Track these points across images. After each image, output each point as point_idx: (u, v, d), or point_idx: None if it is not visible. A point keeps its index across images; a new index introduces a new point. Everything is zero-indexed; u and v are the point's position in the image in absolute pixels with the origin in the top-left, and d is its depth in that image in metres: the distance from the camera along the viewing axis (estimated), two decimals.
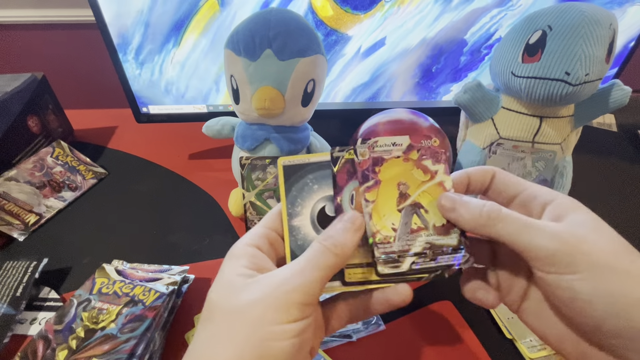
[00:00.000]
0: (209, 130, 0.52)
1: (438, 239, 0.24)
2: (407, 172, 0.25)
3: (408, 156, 0.26)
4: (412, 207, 0.25)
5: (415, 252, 0.24)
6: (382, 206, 0.25)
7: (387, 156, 0.26)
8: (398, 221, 0.24)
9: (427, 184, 0.25)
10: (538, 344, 0.36)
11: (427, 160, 0.25)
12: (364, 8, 0.49)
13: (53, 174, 0.55)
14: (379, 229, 0.24)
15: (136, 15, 0.49)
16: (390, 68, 0.55)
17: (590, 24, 0.37)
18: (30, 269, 0.40)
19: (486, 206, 0.21)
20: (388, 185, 0.25)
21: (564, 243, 0.19)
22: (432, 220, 0.24)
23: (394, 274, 0.24)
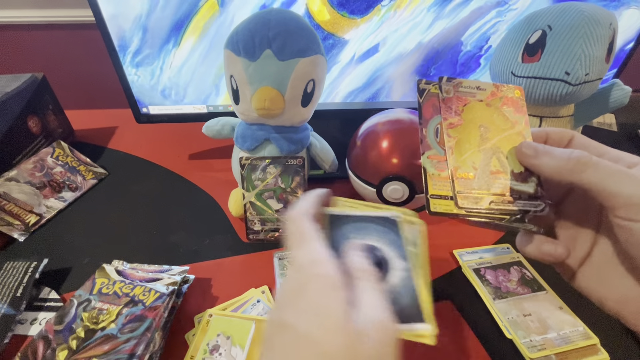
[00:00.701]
0: (209, 130, 0.52)
1: (516, 184, 0.24)
2: (489, 116, 0.26)
3: (490, 102, 0.26)
4: (493, 150, 0.25)
5: (494, 192, 0.24)
6: (464, 144, 0.25)
7: (471, 98, 0.26)
8: (479, 160, 0.25)
9: (507, 131, 0.25)
10: (538, 344, 0.36)
11: (509, 109, 0.26)
12: (360, 12, 0.49)
13: (53, 175, 0.55)
14: (459, 165, 0.25)
15: (136, 15, 0.49)
16: (388, 71, 0.55)
17: (590, 23, 0.37)
18: (31, 269, 0.40)
19: (575, 152, 0.21)
20: (470, 125, 0.25)
21: None
22: (510, 166, 0.25)
23: (474, 209, 0.24)
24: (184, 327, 0.38)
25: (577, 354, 0.36)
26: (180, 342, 0.36)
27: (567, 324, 0.38)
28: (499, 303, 0.40)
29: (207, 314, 0.38)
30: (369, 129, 0.47)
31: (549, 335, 0.37)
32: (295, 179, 0.45)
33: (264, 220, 0.46)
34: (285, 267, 0.44)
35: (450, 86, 0.26)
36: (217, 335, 0.36)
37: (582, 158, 0.21)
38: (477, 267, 0.44)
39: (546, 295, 0.41)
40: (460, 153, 0.25)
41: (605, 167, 0.20)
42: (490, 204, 0.24)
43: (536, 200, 0.24)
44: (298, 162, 0.44)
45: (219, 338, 0.36)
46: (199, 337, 0.36)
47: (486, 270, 0.44)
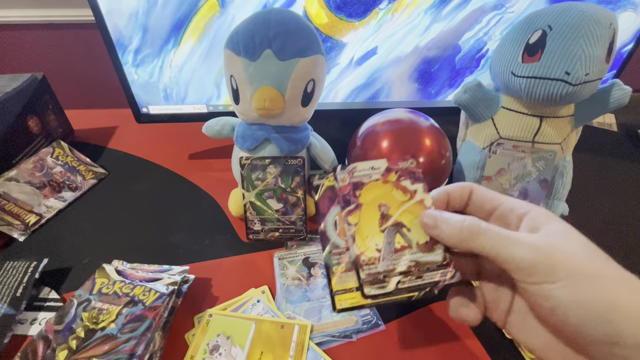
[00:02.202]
0: (209, 130, 0.52)
1: (422, 256, 0.24)
2: (387, 194, 0.26)
3: (387, 178, 0.27)
4: (395, 227, 0.25)
5: (400, 271, 0.24)
6: (365, 228, 0.25)
7: (367, 180, 0.26)
8: (382, 242, 0.25)
9: (407, 203, 0.26)
10: None
11: (406, 180, 0.26)
12: (358, 16, 0.49)
13: (53, 174, 0.55)
14: (363, 250, 0.25)
15: (135, 15, 0.49)
16: (386, 73, 0.55)
17: (590, 23, 0.37)
18: (31, 269, 0.40)
19: (466, 221, 0.22)
20: (369, 207, 0.26)
21: (541, 253, 0.20)
22: (415, 238, 0.25)
23: (380, 294, 0.24)
24: (184, 327, 0.38)
25: None
26: (180, 342, 0.36)
27: None
28: None
29: (207, 314, 0.38)
30: (369, 129, 0.47)
31: None
32: (295, 179, 0.45)
33: (264, 220, 0.46)
34: (285, 266, 0.44)
35: (345, 174, 0.27)
36: (217, 335, 0.36)
37: (472, 227, 0.22)
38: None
39: None
40: (362, 238, 0.25)
41: (493, 234, 0.21)
42: (398, 284, 0.24)
43: (446, 268, 0.24)
44: (298, 162, 0.44)
45: (219, 338, 0.36)
46: (199, 337, 0.36)
47: None
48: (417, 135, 0.45)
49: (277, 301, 0.40)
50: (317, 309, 0.39)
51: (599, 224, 0.52)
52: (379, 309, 0.40)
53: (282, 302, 0.40)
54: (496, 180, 0.47)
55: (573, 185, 0.50)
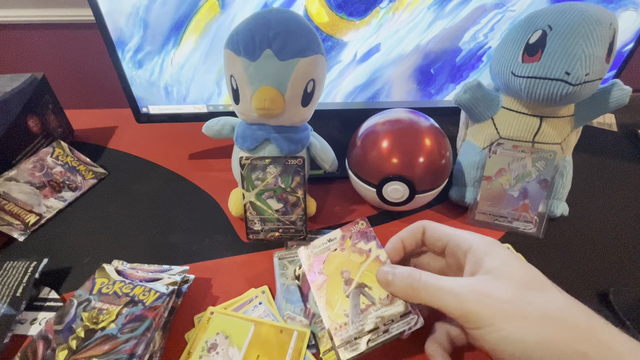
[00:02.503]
0: (209, 130, 0.52)
1: (386, 310, 0.27)
2: (347, 259, 0.29)
3: (343, 246, 0.29)
4: (358, 289, 0.27)
5: (368, 329, 0.26)
6: (332, 297, 0.28)
7: (327, 253, 0.29)
8: (348, 306, 0.27)
9: (365, 263, 0.28)
10: None
11: (360, 242, 0.29)
12: (359, 14, 0.49)
13: (53, 174, 0.55)
14: (333, 319, 0.27)
15: (135, 15, 0.49)
16: (387, 72, 0.55)
17: (590, 23, 0.37)
18: (30, 269, 0.40)
19: (409, 276, 0.24)
20: (333, 277, 0.28)
21: (468, 303, 0.22)
22: (377, 294, 0.27)
23: (355, 356, 0.26)
24: (184, 327, 0.38)
25: None
26: (180, 342, 0.36)
27: None
28: None
29: (208, 311, 0.38)
30: (369, 129, 0.47)
31: None
32: (295, 178, 0.45)
33: (264, 220, 0.46)
34: (285, 266, 0.44)
35: (308, 252, 0.29)
36: (217, 333, 0.36)
37: (413, 282, 0.24)
38: None
39: None
40: (331, 307, 0.27)
41: (430, 287, 0.23)
42: (368, 342, 0.26)
43: (408, 316, 0.26)
44: (298, 162, 0.44)
45: (217, 337, 0.36)
46: (199, 333, 0.36)
47: None
48: (417, 135, 0.45)
49: (277, 301, 0.40)
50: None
51: (599, 224, 0.52)
52: None
53: (282, 302, 0.40)
54: (496, 180, 0.47)
55: (573, 185, 0.50)
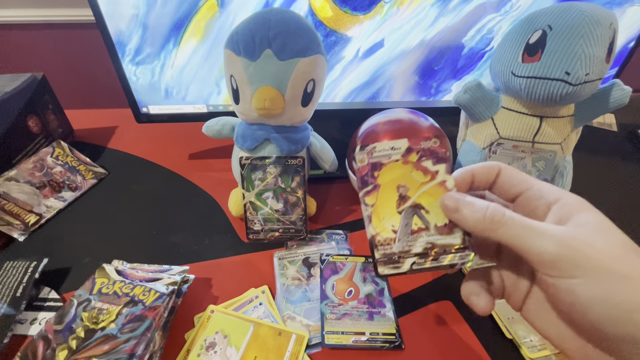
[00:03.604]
0: (209, 130, 0.52)
1: (440, 238, 0.24)
2: (407, 175, 0.25)
3: (407, 159, 0.26)
4: (413, 209, 0.25)
5: (416, 252, 0.24)
6: (382, 209, 0.25)
7: (386, 160, 0.26)
8: (398, 223, 0.25)
9: (427, 184, 0.25)
10: (538, 344, 0.36)
11: (427, 161, 0.25)
12: (363, 9, 0.49)
13: (53, 174, 0.55)
14: (378, 231, 0.25)
15: (135, 15, 0.49)
16: (390, 69, 0.55)
17: (590, 23, 0.37)
18: (30, 269, 0.40)
19: (490, 208, 0.21)
20: (387, 188, 0.25)
21: (565, 247, 0.19)
22: (433, 220, 0.24)
23: (395, 274, 0.24)
24: (184, 327, 0.38)
25: None
26: (180, 342, 0.36)
27: None
28: (499, 303, 0.40)
29: (209, 309, 0.38)
30: (369, 129, 0.47)
31: None
32: (295, 178, 0.45)
33: (264, 220, 0.46)
34: (285, 266, 0.44)
35: (364, 154, 0.26)
36: (216, 332, 0.36)
37: (495, 216, 0.21)
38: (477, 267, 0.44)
39: None
40: (378, 219, 0.25)
41: (517, 225, 0.20)
42: (412, 265, 0.24)
43: (463, 251, 0.24)
44: (298, 162, 0.44)
45: (216, 335, 0.36)
46: (198, 331, 0.36)
47: None
48: (417, 135, 0.45)
49: (277, 301, 0.40)
50: (317, 309, 0.39)
51: None
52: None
53: (282, 302, 0.40)
54: None
55: (573, 185, 0.50)
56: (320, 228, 0.51)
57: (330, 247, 0.47)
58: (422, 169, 0.25)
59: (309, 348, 0.36)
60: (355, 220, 0.52)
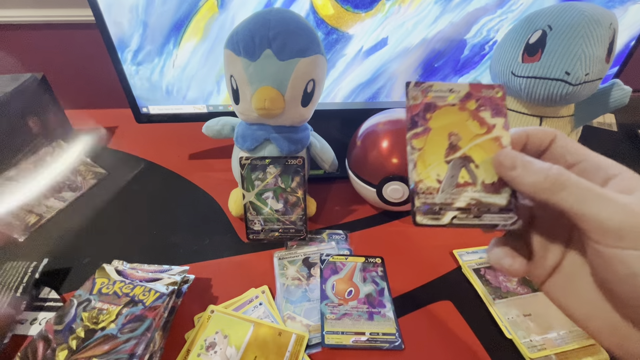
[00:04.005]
0: (209, 130, 0.52)
1: (486, 196, 0.23)
2: (462, 123, 0.23)
3: (465, 105, 0.23)
4: (462, 160, 0.23)
5: (458, 206, 0.23)
6: (429, 155, 0.23)
7: (441, 103, 0.23)
8: (444, 173, 0.23)
9: (482, 137, 0.23)
10: (538, 344, 0.36)
11: (486, 112, 0.23)
12: (364, 7, 0.49)
13: None
14: (422, 178, 0.23)
15: (135, 15, 0.49)
16: (391, 67, 0.55)
17: (590, 23, 0.37)
18: (30, 269, 0.40)
19: (553, 169, 0.20)
20: (438, 134, 0.23)
21: (634, 216, 0.18)
22: (482, 176, 0.23)
23: (434, 225, 0.23)
24: (184, 327, 0.38)
25: (577, 354, 0.36)
26: (180, 342, 0.36)
27: (567, 324, 0.38)
28: (499, 303, 0.40)
29: (209, 309, 0.38)
30: (369, 129, 0.47)
31: (549, 335, 0.37)
32: (295, 178, 0.45)
33: (264, 220, 0.46)
34: (285, 266, 0.44)
35: (418, 91, 0.24)
36: (216, 332, 0.36)
37: (560, 177, 0.19)
38: (477, 267, 0.44)
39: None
40: (424, 165, 0.23)
41: (583, 189, 0.19)
42: (453, 219, 0.23)
43: (508, 212, 0.23)
44: (298, 162, 0.44)
45: (216, 335, 0.36)
46: (199, 331, 0.36)
47: (486, 270, 0.44)
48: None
49: (277, 301, 0.40)
50: (317, 309, 0.39)
51: None
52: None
53: (282, 302, 0.40)
54: None
55: None
56: (320, 228, 0.51)
57: (330, 247, 0.47)
58: (478, 120, 0.23)
59: (309, 348, 0.36)
60: (355, 220, 0.52)
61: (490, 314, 0.40)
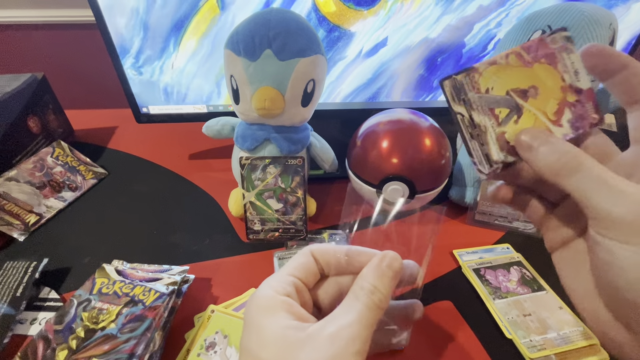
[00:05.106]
0: (209, 130, 0.52)
1: (494, 140, 0.23)
2: (551, 94, 0.22)
3: (568, 92, 0.22)
4: (514, 106, 0.22)
5: (472, 116, 0.23)
6: (506, 75, 0.22)
7: (559, 67, 0.21)
8: (497, 93, 0.22)
9: (544, 117, 0.22)
10: (538, 344, 0.36)
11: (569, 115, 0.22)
12: (367, 4, 0.49)
13: (53, 174, 0.55)
14: (484, 75, 0.22)
15: (136, 15, 0.49)
16: (393, 65, 0.55)
17: (590, 24, 0.37)
18: (30, 269, 0.40)
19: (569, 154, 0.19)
20: (529, 76, 0.22)
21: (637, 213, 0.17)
22: (509, 129, 0.22)
23: (445, 95, 0.23)
24: (184, 327, 0.38)
25: (577, 354, 0.36)
26: (180, 342, 0.36)
27: (567, 324, 0.38)
28: (499, 303, 0.40)
29: (209, 309, 0.38)
30: (369, 129, 0.47)
31: (549, 335, 0.37)
32: (295, 179, 0.45)
33: (264, 220, 0.46)
34: None
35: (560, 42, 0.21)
36: (216, 332, 0.36)
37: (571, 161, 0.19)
38: (477, 267, 0.44)
39: (546, 295, 0.41)
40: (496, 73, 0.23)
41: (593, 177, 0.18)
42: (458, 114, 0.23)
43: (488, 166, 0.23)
44: (298, 162, 0.44)
45: (217, 335, 0.36)
46: (198, 331, 0.36)
47: (486, 270, 0.44)
48: (417, 135, 0.45)
49: None
50: None
51: None
52: None
53: None
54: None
55: None
56: (320, 228, 0.51)
57: None
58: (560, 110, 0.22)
59: None
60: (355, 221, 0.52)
61: (490, 314, 0.40)
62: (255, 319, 0.21)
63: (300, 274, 0.24)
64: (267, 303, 0.21)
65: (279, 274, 0.24)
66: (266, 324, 0.20)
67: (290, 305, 0.21)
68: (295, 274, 0.24)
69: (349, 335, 0.19)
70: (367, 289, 0.21)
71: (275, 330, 0.20)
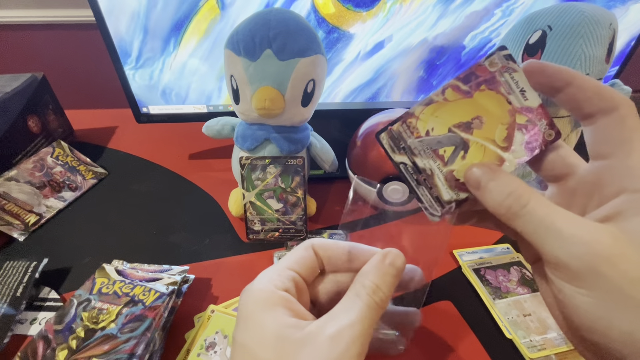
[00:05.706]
0: (209, 130, 0.52)
1: (442, 181, 0.22)
2: (497, 120, 0.21)
3: (517, 113, 0.21)
4: (460, 142, 0.21)
5: (415, 162, 0.22)
6: (446, 111, 0.21)
7: (503, 90, 0.20)
8: (438, 133, 0.21)
9: (494, 146, 0.21)
10: (538, 344, 0.36)
11: (524, 136, 0.21)
12: (366, 6, 0.49)
13: (53, 174, 0.55)
14: (420, 117, 0.21)
15: (136, 15, 0.49)
16: (392, 66, 0.55)
17: (590, 24, 0.37)
18: (30, 269, 0.40)
19: (512, 195, 0.18)
20: (471, 106, 0.21)
21: (588, 258, 0.16)
22: (456, 167, 0.21)
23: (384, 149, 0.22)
24: (184, 327, 0.38)
25: (577, 354, 0.36)
26: (180, 342, 0.36)
27: None
28: (499, 303, 0.40)
29: (209, 309, 0.38)
30: (369, 129, 0.47)
31: (549, 335, 0.37)
32: (295, 178, 0.45)
33: (264, 220, 0.46)
34: None
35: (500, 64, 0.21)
36: (216, 332, 0.36)
37: (514, 205, 0.18)
38: (477, 267, 0.44)
39: None
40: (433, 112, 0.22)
41: (536, 221, 0.18)
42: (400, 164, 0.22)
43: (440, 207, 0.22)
44: (298, 162, 0.44)
45: (216, 335, 0.36)
46: (198, 331, 0.36)
47: (486, 270, 0.44)
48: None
49: None
50: None
51: None
52: None
53: None
54: None
55: None
56: (320, 228, 0.51)
57: None
58: (510, 134, 0.21)
59: None
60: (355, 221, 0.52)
61: (490, 314, 0.40)
62: (252, 313, 0.20)
63: (300, 268, 0.23)
64: (266, 297, 0.21)
65: (277, 267, 0.23)
66: (264, 320, 0.20)
67: (288, 302, 0.21)
68: (294, 268, 0.23)
69: (350, 336, 0.19)
70: (369, 287, 0.21)
71: (273, 328, 0.19)
